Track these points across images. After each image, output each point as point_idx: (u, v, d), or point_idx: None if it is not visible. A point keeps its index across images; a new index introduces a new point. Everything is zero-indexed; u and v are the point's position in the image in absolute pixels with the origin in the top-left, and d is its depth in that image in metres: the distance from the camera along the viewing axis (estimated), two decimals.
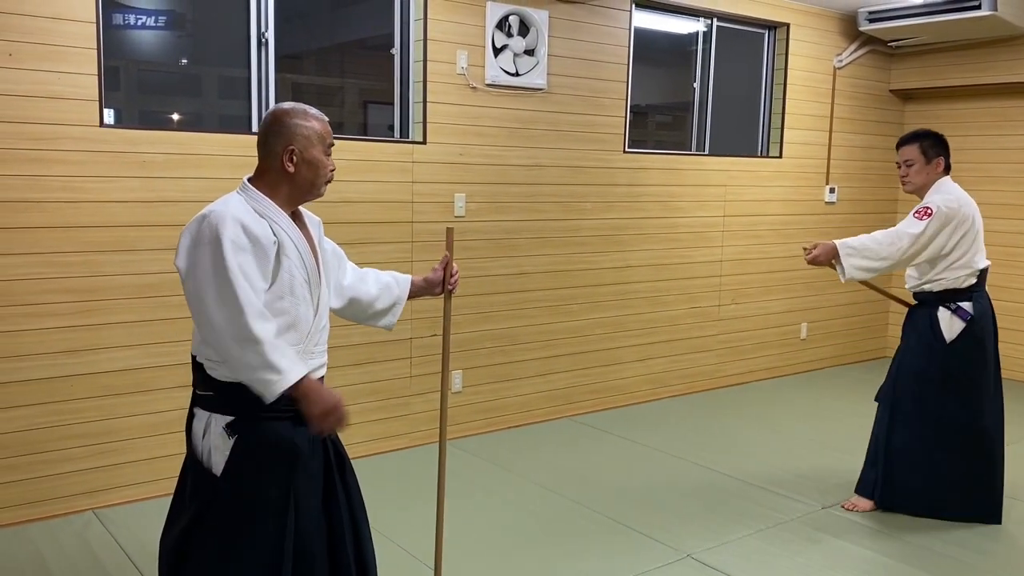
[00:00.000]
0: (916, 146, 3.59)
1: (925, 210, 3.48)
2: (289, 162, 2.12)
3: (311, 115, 2.17)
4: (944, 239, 3.50)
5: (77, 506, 3.63)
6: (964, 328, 3.58)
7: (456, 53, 4.46)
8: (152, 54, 4.12)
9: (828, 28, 6.18)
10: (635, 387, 5.52)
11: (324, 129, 2.18)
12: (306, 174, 2.15)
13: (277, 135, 2.13)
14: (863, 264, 3.50)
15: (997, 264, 6.38)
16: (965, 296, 3.60)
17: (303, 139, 2.13)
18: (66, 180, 3.48)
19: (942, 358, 3.58)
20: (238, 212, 2.05)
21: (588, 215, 5.11)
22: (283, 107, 2.18)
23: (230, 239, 1.99)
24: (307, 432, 2.14)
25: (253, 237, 2.03)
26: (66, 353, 3.54)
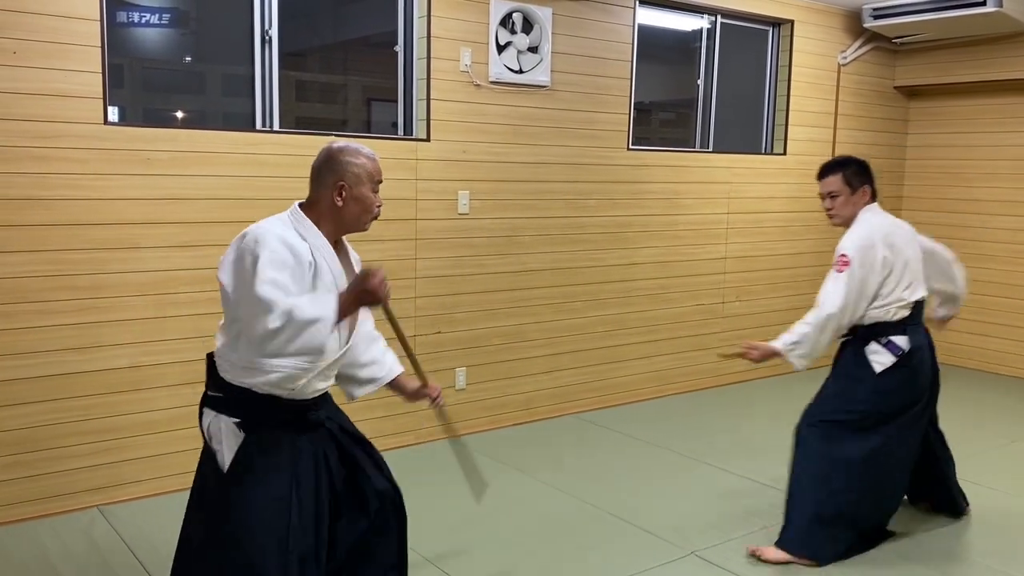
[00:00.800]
0: (840, 176, 3.30)
1: (842, 259, 3.21)
2: (339, 197, 2.26)
3: (362, 154, 2.30)
4: (869, 282, 3.21)
5: (82, 503, 3.64)
6: (896, 362, 3.25)
7: (460, 50, 4.46)
8: (156, 52, 4.12)
9: (832, 25, 6.17)
10: (639, 384, 5.52)
11: (374, 168, 2.31)
12: (353, 209, 2.28)
13: (330, 171, 2.26)
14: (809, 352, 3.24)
15: (1000, 261, 6.40)
16: (898, 329, 3.28)
17: (353, 176, 2.26)
18: (70, 178, 3.48)
19: (867, 393, 3.26)
20: (281, 230, 2.18)
21: (592, 212, 5.11)
22: (337, 145, 2.32)
23: (269, 253, 2.10)
24: (310, 437, 2.28)
25: (294, 252, 2.14)
26: (71, 350, 3.55)
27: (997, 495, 4.00)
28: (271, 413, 2.22)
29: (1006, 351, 6.42)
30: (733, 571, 3.19)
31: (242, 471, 2.22)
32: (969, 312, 6.59)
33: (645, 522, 3.61)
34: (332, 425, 2.39)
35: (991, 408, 5.52)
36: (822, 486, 3.25)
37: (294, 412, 2.26)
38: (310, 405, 2.32)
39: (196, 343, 3.83)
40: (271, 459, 2.22)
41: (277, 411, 2.22)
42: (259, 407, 2.21)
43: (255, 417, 2.23)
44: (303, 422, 2.29)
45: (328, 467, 2.34)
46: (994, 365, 6.48)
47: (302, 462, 2.26)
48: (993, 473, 4.27)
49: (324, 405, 2.40)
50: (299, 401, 2.27)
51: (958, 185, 6.62)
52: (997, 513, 3.79)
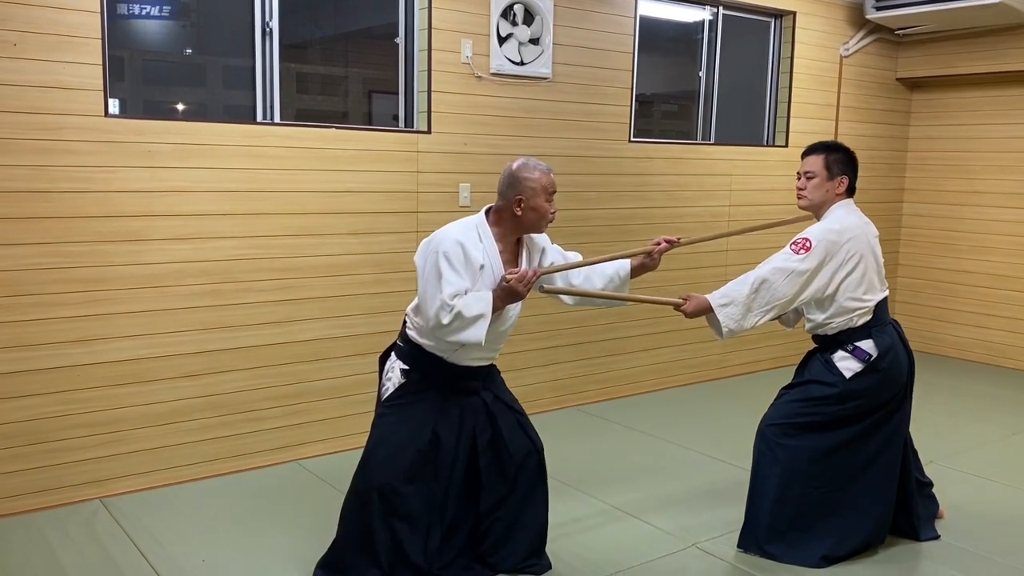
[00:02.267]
0: (822, 158, 3.21)
1: (804, 242, 3.08)
2: (518, 208, 2.75)
3: (538, 170, 2.77)
4: (826, 277, 3.08)
5: (84, 495, 3.65)
6: (864, 368, 3.12)
7: (461, 42, 4.45)
8: (157, 44, 4.11)
9: (835, 16, 6.14)
10: (640, 377, 5.53)
11: (548, 181, 2.77)
12: (531, 217, 2.78)
13: (511, 186, 2.75)
14: (737, 315, 3.05)
15: (1003, 254, 6.39)
16: (862, 335, 3.14)
17: (530, 191, 2.74)
18: (71, 170, 3.48)
19: (834, 396, 3.13)
20: (461, 236, 2.70)
21: (594, 205, 5.11)
22: (517, 163, 2.80)
23: (445, 254, 2.66)
24: (459, 402, 2.85)
25: (468, 256, 2.68)
26: (73, 343, 3.56)
27: (998, 487, 4.00)
28: (432, 369, 2.81)
29: (1013, 344, 6.41)
30: (734, 563, 3.20)
31: (392, 406, 2.84)
32: (971, 305, 6.60)
33: (646, 514, 3.62)
34: (487, 395, 2.91)
35: (992, 401, 5.51)
36: (782, 490, 3.16)
37: (453, 374, 2.83)
38: (467, 372, 2.85)
39: (197, 335, 3.84)
40: (418, 405, 2.81)
41: (438, 368, 2.81)
42: (424, 361, 2.82)
43: (419, 368, 2.83)
44: (458, 385, 2.85)
45: (473, 435, 2.86)
46: (996, 358, 6.47)
47: (445, 419, 2.82)
48: (994, 466, 4.28)
49: (485, 377, 2.93)
50: (458, 366, 2.82)
51: (960, 177, 6.61)
52: (998, 506, 3.79)
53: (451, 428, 2.84)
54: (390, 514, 2.78)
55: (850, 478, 3.19)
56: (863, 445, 3.19)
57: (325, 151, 4.08)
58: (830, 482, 3.17)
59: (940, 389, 5.66)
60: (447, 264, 2.64)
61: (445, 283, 2.62)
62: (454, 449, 2.84)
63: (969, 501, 3.81)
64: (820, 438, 3.16)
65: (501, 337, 2.89)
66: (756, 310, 3.09)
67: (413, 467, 2.78)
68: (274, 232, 3.99)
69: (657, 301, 3.37)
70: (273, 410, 4.10)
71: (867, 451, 3.20)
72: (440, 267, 2.64)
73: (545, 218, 2.79)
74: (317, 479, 3.96)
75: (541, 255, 2.97)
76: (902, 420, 3.28)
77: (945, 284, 6.71)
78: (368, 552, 2.79)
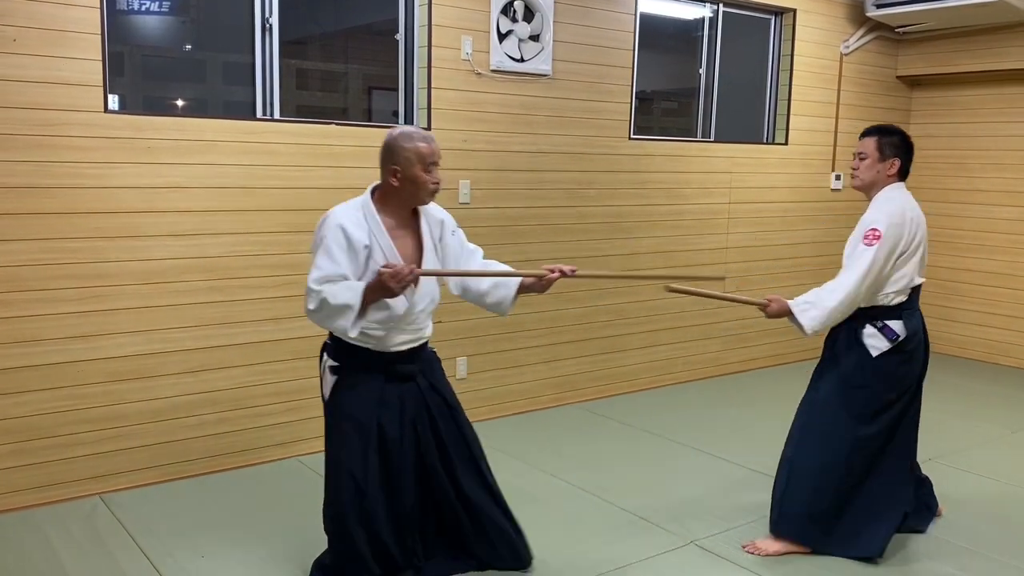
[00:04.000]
0: (875, 140, 3.27)
1: (873, 233, 3.14)
2: (394, 179, 2.63)
3: (415, 138, 2.62)
4: (890, 262, 3.17)
5: (84, 491, 3.65)
6: (890, 348, 3.20)
7: (461, 39, 4.45)
8: (156, 39, 4.11)
9: (835, 14, 6.14)
10: (639, 374, 5.53)
11: (427, 150, 2.62)
12: (409, 189, 2.65)
13: (386, 157, 2.65)
14: (820, 317, 3.15)
15: (1003, 252, 6.39)
16: (894, 314, 3.22)
17: (405, 160, 2.61)
18: (71, 166, 3.48)
19: (864, 380, 3.22)
20: (344, 217, 2.62)
21: (593, 202, 5.10)
22: (392, 131, 2.67)
23: (323, 238, 2.60)
24: (398, 388, 2.75)
25: (349, 238, 2.59)
26: (73, 339, 3.56)
27: (999, 485, 4.01)
28: (360, 361, 2.71)
29: (1013, 343, 6.41)
30: (733, 560, 3.20)
31: (333, 411, 2.76)
32: (972, 303, 6.60)
33: (645, 511, 3.62)
34: (423, 382, 2.81)
35: (993, 399, 5.52)
36: (819, 476, 3.24)
37: (381, 361, 2.72)
38: (397, 358, 2.74)
39: (197, 332, 3.84)
40: (356, 403, 2.72)
41: (365, 359, 2.71)
42: (350, 354, 2.72)
43: (347, 362, 2.73)
44: (392, 371, 2.74)
45: (414, 423, 2.78)
46: (996, 356, 6.47)
47: (386, 409, 2.73)
48: (994, 464, 4.28)
49: (419, 361, 2.82)
50: (386, 352, 2.72)
51: (960, 175, 6.60)
52: (999, 503, 3.80)
53: (393, 418, 2.75)
54: (365, 521, 2.74)
55: (877, 466, 3.28)
56: (889, 433, 3.28)
57: (325, 147, 4.08)
58: (862, 470, 3.26)
59: (941, 387, 5.65)
60: (323, 249, 2.58)
61: (315, 268, 2.57)
62: (399, 440, 2.77)
63: (969, 499, 3.81)
64: (854, 427, 3.23)
65: (421, 318, 2.79)
66: (838, 311, 3.17)
67: (370, 472, 2.72)
68: (274, 228, 3.98)
69: (744, 301, 3.50)
70: (273, 406, 4.11)
71: (893, 439, 3.29)
72: (316, 253, 2.60)
73: (424, 189, 2.65)
74: (317, 475, 3.96)
75: (441, 228, 2.86)
76: (917, 410, 3.38)
77: (946, 282, 6.71)
78: (356, 559, 2.77)
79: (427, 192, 2.67)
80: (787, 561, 3.19)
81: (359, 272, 2.61)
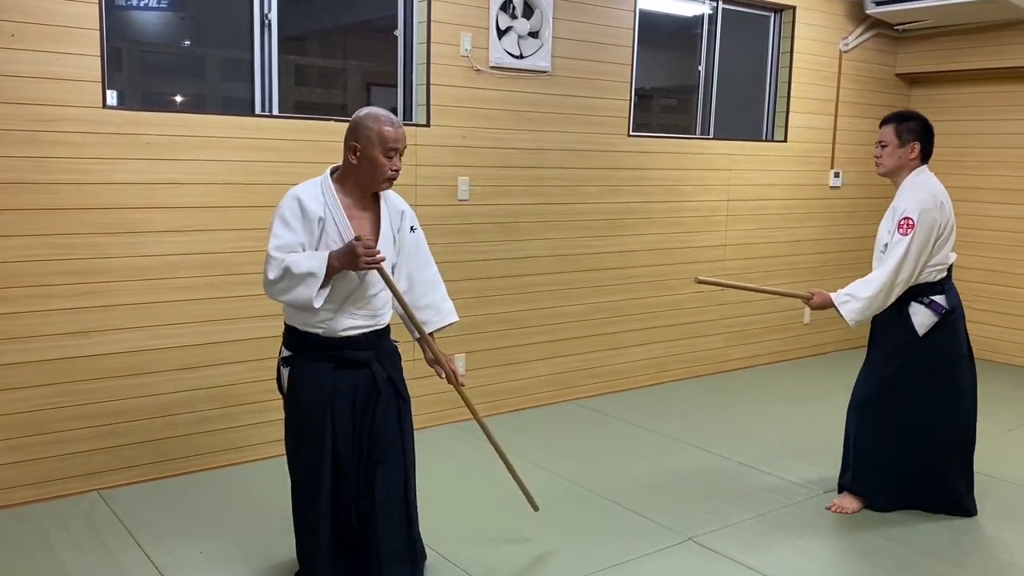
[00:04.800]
0: (892, 127, 3.41)
1: (907, 222, 3.30)
2: (353, 156, 2.56)
3: (381, 120, 2.55)
4: (928, 247, 3.35)
5: (82, 487, 3.65)
6: (938, 321, 3.42)
7: (460, 35, 4.44)
8: (155, 35, 4.10)
9: (834, 11, 6.14)
10: (638, 371, 5.53)
11: (392, 134, 2.54)
12: (366, 169, 2.57)
13: (350, 132, 2.57)
14: (859, 308, 3.35)
15: (1001, 249, 6.40)
16: (937, 290, 3.44)
17: (366, 140, 2.54)
18: (69, 162, 3.47)
19: (915, 354, 3.44)
20: (301, 190, 2.58)
21: (592, 199, 5.10)
22: (363, 110, 2.60)
23: (279, 209, 2.56)
24: (350, 376, 2.64)
25: (304, 210, 2.54)
26: (71, 335, 3.55)
27: (1000, 484, 4.01)
28: (312, 348, 2.63)
29: (1008, 340, 6.42)
30: (730, 557, 3.21)
31: (290, 397, 2.69)
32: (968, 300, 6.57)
33: (643, 508, 3.62)
34: (379, 370, 2.69)
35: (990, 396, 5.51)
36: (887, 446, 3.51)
37: (331, 348, 2.62)
38: (346, 343, 2.63)
39: (195, 328, 3.83)
40: (309, 395, 2.63)
41: (317, 347, 2.62)
42: (301, 343, 2.65)
43: (299, 352, 2.66)
44: (343, 358, 2.63)
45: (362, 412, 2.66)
46: (992, 353, 6.48)
47: (338, 399, 2.62)
48: (990, 461, 4.28)
49: (373, 347, 2.69)
50: (335, 338, 2.62)
51: (958, 173, 6.60)
52: (1000, 502, 3.80)
53: (345, 408, 2.64)
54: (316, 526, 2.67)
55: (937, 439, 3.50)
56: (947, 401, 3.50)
57: (324, 144, 4.07)
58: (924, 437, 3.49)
59: None
60: (279, 219, 2.53)
61: (273, 237, 2.52)
62: (350, 437, 2.65)
63: None
64: (908, 399, 3.46)
65: (376, 303, 2.68)
66: (879, 300, 3.36)
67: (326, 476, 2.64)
68: None
69: (788, 294, 3.81)
70: (272, 403, 4.09)
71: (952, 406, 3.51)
72: (273, 223, 2.54)
73: (382, 174, 2.56)
74: None
75: (401, 219, 2.75)
76: (974, 375, 3.61)
77: None
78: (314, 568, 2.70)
79: (383, 177, 2.57)
80: (782, 560, 3.20)
81: (313, 245, 2.55)
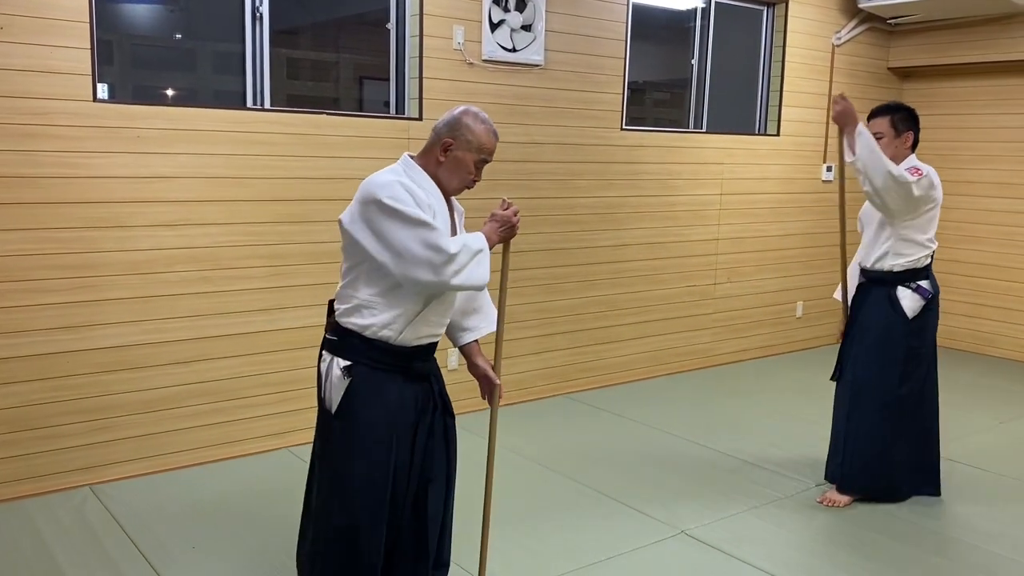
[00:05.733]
0: (887, 119, 3.49)
1: (916, 171, 3.39)
2: (443, 153, 2.34)
3: (483, 123, 2.37)
4: (919, 207, 3.45)
5: (74, 482, 3.64)
6: (924, 305, 3.59)
7: (452, 28, 4.43)
8: (146, 28, 4.08)
9: (827, 5, 6.14)
10: (631, 365, 5.54)
11: (488, 141, 2.36)
12: (451, 170, 2.35)
13: (448, 125, 2.35)
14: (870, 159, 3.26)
15: (993, 243, 6.42)
16: (922, 275, 3.61)
17: (464, 142, 2.33)
18: (60, 155, 3.46)
19: (904, 336, 3.57)
20: (395, 178, 2.26)
21: (585, 193, 5.10)
22: (469, 108, 2.39)
23: (388, 195, 2.20)
24: (414, 389, 2.39)
25: (413, 195, 2.23)
26: (62, 329, 3.54)
27: (986, 476, 4.03)
28: (378, 357, 2.32)
29: (1003, 334, 6.45)
30: (722, 550, 3.22)
31: (346, 411, 2.33)
32: (961, 294, 6.62)
33: (635, 501, 3.63)
34: (435, 385, 2.47)
35: (982, 390, 5.55)
36: (873, 436, 3.59)
37: (400, 358, 2.35)
38: (416, 353, 2.39)
39: (187, 323, 3.83)
40: (374, 405, 2.33)
41: (384, 355, 2.32)
42: (368, 349, 2.32)
43: (363, 360, 2.32)
44: (409, 370, 2.38)
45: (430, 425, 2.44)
46: (984, 347, 6.51)
47: (403, 414, 2.36)
48: (982, 454, 4.31)
49: (432, 360, 2.48)
50: (406, 348, 2.35)
51: (950, 167, 6.60)
52: (986, 494, 3.82)
53: (408, 426, 2.39)
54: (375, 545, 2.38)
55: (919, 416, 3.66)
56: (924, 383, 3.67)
57: (315, 137, 4.06)
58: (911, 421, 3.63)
59: None
60: (403, 205, 2.19)
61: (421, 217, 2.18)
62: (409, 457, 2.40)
63: (957, 489, 3.84)
64: (898, 384, 3.58)
65: (451, 305, 2.50)
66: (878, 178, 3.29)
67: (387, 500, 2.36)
68: (264, 219, 3.97)
69: None
70: (264, 397, 4.10)
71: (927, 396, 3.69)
72: (399, 209, 2.18)
73: (464, 180, 2.37)
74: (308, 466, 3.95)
75: (462, 218, 2.55)
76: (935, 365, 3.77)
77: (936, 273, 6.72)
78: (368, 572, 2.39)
79: (462, 183, 2.38)
80: (777, 547, 3.21)
81: None
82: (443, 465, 2.52)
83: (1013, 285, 6.35)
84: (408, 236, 2.18)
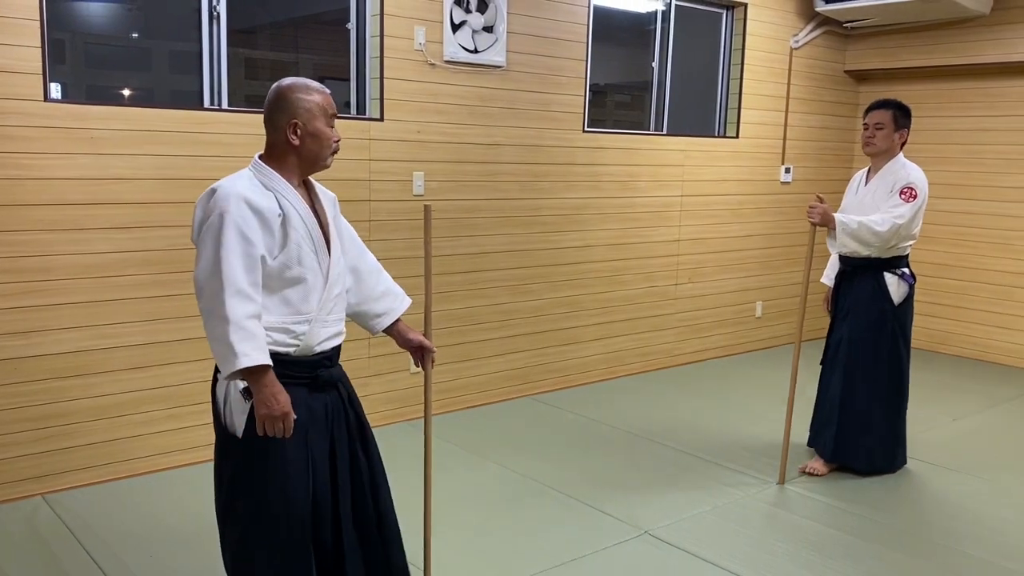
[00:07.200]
0: (890, 112, 3.76)
1: (910, 191, 3.67)
2: (294, 135, 2.20)
3: (313, 88, 2.24)
4: (918, 217, 3.74)
5: (25, 491, 3.55)
6: (907, 291, 3.86)
7: (414, 28, 4.40)
8: (100, 27, 4.00)
9: (785, 8, 6.22)
10: (593, 366, 5.55)
11: (326, 101, 2.25)
12: (311, 146, 2.23)
13: (281, 110, 2.20)
14: (854, 246, 3.70)
15: (946, 243, 6.55)
16: (904, 263, 3.87)
17: (306, 112, 2.20)
18: (10, 157, 3.37)
19: (892, 319, 3.84)
20: (243, 189, 2.11)
21: (547, 194, 5.10)
22: (285, 82, 2.24)
23: (233, 218, 2.05)
24: (323, 398, 2.25)
25: (257, 211, 2.09)
26: (13, 335, 3.45)
27: (942, 472, 4.11)
28: (280, 372, 2.10)
29: (950, 331, 6.57)
30: (686, 549, 3.23)
31: (253, 436, 2.14)
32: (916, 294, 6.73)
33: (598, 502, 3.64)
34: (343, 391, 2.33)
35: (935, 388, 5.65)
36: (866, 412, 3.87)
37: (306, 366, 2.21)
38: (320, 361, 2.25)
39: (143, 327, 3.75)
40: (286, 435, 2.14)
41: (285, 368, 2.14)
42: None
43: None
44: (316, 381, 2.24)
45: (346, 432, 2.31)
46: (938, 345, 6.63)
47: (313, 426, 2.22)
48: (936, 450, 4.38)
49: (338, 366, 2.34)
50: (309, 357, 2.21)
51: None
52: (941, 490, 3.89)
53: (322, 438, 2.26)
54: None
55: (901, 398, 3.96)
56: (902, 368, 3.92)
57: None
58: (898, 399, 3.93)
59: None
60: (227, 237, 2.03)
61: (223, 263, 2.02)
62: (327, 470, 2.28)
63: (914, 485, 3.91)
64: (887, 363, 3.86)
65: (339, 304, 2.33)
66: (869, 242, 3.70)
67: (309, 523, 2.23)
68: None
69: None
70: None
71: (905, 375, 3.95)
72: (211, 238, 2.04)
73: (327, 146, 2.25)
74: None
75: (334, 207, 2.42)
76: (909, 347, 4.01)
77: None
78: None
79: (329, 150, 2.27)
80: (736, 544, 3.24)
81: (276, 249, 2.13)
82: (367, 469, 2.37)
83: (965, 284, 6.48)
84: (212, 270, 2.03)
